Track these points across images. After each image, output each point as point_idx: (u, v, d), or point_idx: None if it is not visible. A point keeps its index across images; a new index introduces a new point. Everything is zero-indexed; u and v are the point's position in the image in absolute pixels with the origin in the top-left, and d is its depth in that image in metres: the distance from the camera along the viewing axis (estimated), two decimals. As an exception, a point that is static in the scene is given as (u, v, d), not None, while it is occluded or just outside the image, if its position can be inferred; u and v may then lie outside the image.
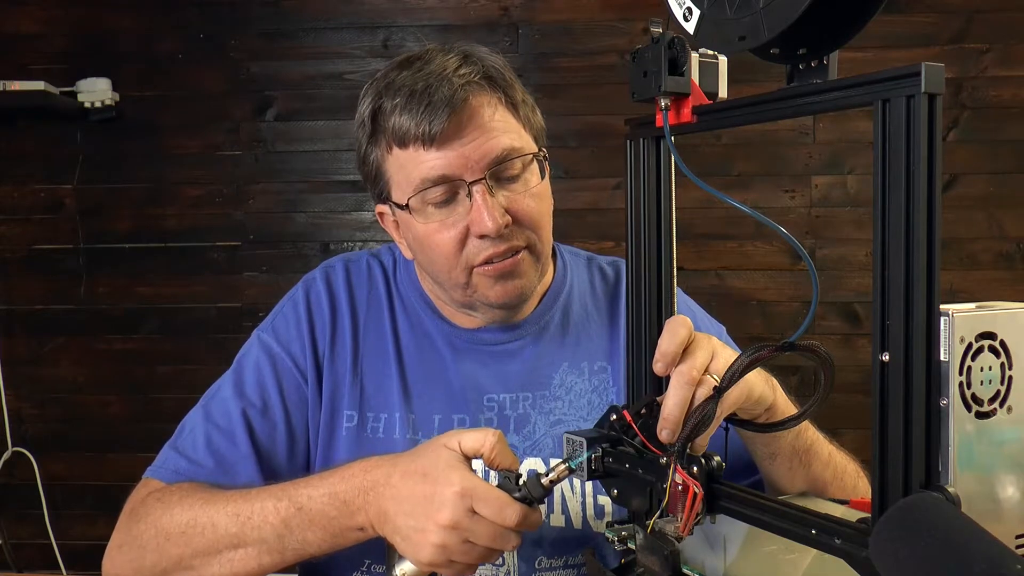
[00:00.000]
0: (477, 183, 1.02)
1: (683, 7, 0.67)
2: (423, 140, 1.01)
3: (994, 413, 0.60)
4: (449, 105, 1.00)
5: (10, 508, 2.74)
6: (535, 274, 1.09)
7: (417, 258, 1.12)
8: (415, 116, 1.00)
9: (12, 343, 2.75)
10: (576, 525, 1.08)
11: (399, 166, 1.05)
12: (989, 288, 2.57)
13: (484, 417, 1.11)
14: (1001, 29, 2.57)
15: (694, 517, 0.72)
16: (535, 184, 1.06)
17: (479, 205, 1.01)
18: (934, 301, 0.56)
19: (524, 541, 1.06)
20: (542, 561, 1.08)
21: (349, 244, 2.73)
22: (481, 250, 1.04)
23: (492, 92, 1.04)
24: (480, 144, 1.01)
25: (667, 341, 0.79)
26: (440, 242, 1.04)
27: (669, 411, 0.77)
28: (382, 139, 1.06)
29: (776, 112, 0.66)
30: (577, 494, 1.09)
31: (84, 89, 2.62)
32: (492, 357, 1.14)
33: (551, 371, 1.14)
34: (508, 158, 1.03)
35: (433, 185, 1.02)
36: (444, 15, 2.69)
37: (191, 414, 1.13)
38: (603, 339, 1.17)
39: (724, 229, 2.63)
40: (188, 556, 0.97)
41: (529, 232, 1.06)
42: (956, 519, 0.54)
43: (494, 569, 1.07)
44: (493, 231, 1.01)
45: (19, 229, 2.75)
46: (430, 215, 1.04)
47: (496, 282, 1.06)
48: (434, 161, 1.01)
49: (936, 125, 0.55)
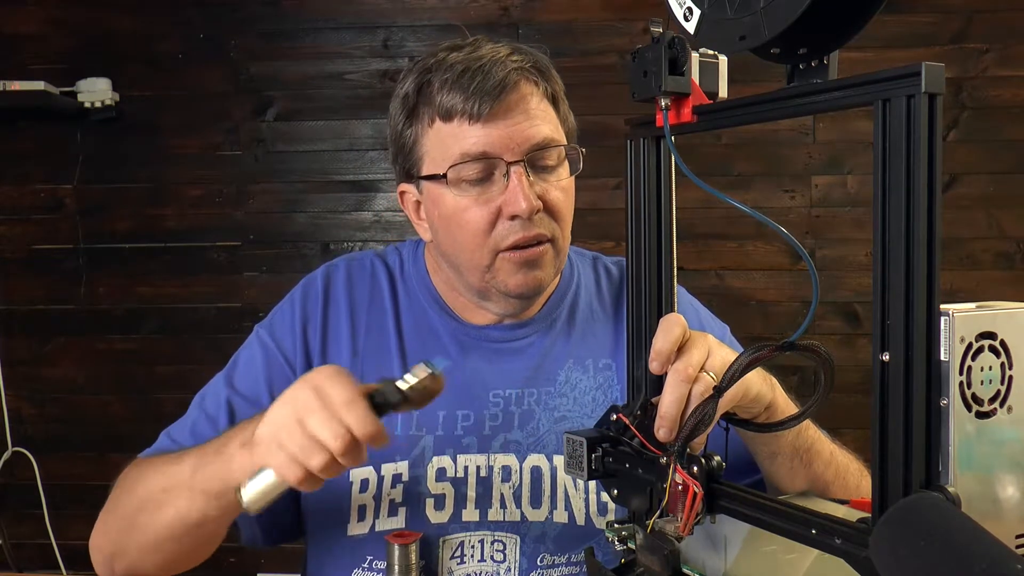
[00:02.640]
0: (516, 164, 1.04)
1: (683, 7, 0.67)
2: (470, 115, 1.03)
3: (994, 413, 0.60)
4: (501, 85, 1.03)
5: (10, 508, 2.74)
6: (552, 270, 1.10)
7: (439, 238, 1.11)
8: (466, 91, 1.03)
9: (12, 343, 2.74)
10: (579, 522, 1.08)
11: (439, 140, 1.06)
12: (989, 288, 2.57)
13: (489, 412, 1.11)
14: (1001, 29, 2.57)
15: (694, 517, 0.72)
16: (566, 182, 1.09)
17: (515, 185, 1.03)
18: (934, 301, 0.56)
19: (527, 537, 1.07)
20: (544, 558, 1.08)
21: (349, 244, 2.73)
22: (510, 233, 1.05)
23: (539, 82, 1.08)
24: (524, 128, 1.04)
25: (661, 339, 0.79)
26: (470, 219, 1.05)
27: (665, 409, 0.77)
28: (424, 113, 1.07)
29: (776, 112, 0.66)
30: (580, 491, 1.09)
31: (84, 89, 2.62)
32: (499, 354, 1.14)
33: (556, 368, 1.14)
34: (547, 146, 1.06)
35: (472, 160, 1.04)
36: (444, 15, 2.69)
37: (191, 405, 1.16)
38: (608, 337, 1.18)
39: (724, 229, 2.63)
40: (134, 508, 1.02)
41: (554, 225, 1.07)
42: (956, 519, 0.54)
43: (495, 565, 1.07)
44: (526, 212, 1.03)
45: (19, 229, 2.75)
46: (464, 190, 1.05)
47: (519, 269, 1.07)
48: (477, 137, 1.03)
49: (936, 125, 0.55)
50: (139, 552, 1.03)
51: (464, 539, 1.08)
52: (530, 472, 1.10)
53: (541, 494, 1.09)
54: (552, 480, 1.09)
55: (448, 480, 1.09)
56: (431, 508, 1.08)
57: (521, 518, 1.08)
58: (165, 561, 1.04)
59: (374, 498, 1.08)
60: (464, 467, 1.09)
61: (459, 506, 1.08)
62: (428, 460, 1.09)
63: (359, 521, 1.08)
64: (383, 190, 2.71)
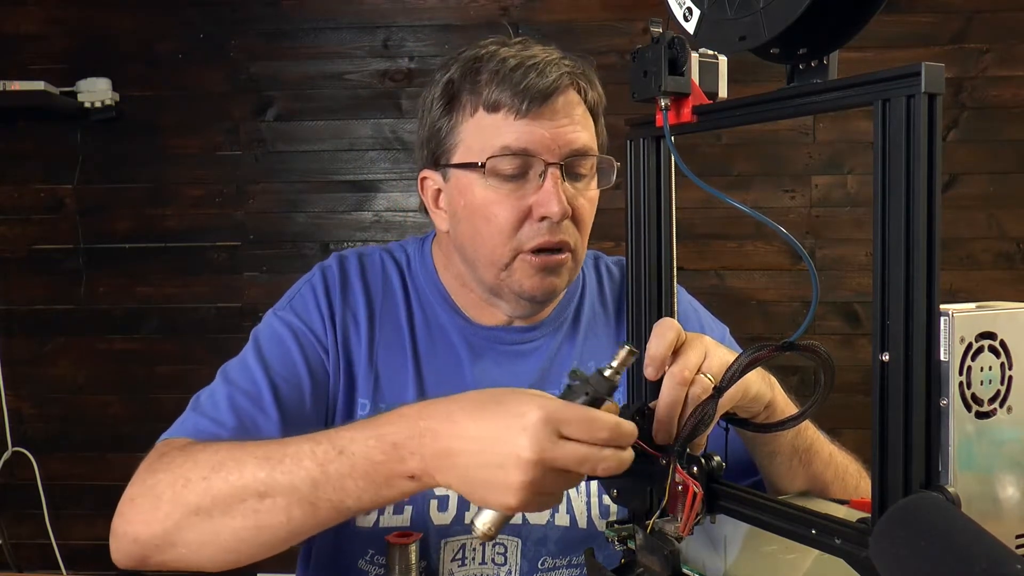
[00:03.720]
0: (554, 166, 1.04)
1: (683, 7, 0.67)
2: (517, 111, 1.03)
3: (994, 413, 0.60)
4: (553, 86, 1.03)
5: (10, 508, 2.74)
6: (568, 279, 1.10)
7: (459, 229, 1.10)
8: (516, 86, 1.02)
9: (12, 343, 2.74)
10: (581, 525, 1.08)
11: (479, 130, 1.06)
12: (989, 288, 2.57)
13: None
14: (1001, 29, 2.57)
15: (694, 517, 0.72)
16: (593, 193, 1.09)
17: (550, 187, 1.03)
18: (934, 301, 0.56)
19: (529, 540, 1.07)
20: (546, 561, 1.08)
21: (349, 244, 2.73)
22: (537, 234, 1.04)
23: (587, 91, 1.08)
24: (567, 132, 1.04)
25: (655, 344, 0.79)
26: (499, 214, 1.05)
27: (662, 413, 0.77)
28: (468, 102, 1.06)
29: (776, 112, 0.66)
30: (582, 493, 1.09)
31: (84, 89, 2.61)
32: (507, 356, 1.14)
33: (562, 370, 1.14)
34: (586, 154, 1.06)
35: (512, 155, 1.03)
36: (444, 15, 2.69)
37: (203, 390, 1.07)
38: (610, 338, 1.18)
39: (724, 229, 2.63)
40: (207, 504, 0.85)
41: (577, 234, 1.07)
42: (956, 519, 0.54)
43: (496, 568, 1.07)
44: (558, 215, 1.03)
45: (19, 229, 2.75)
46: (495, 185, 1.05)
47: (536, 273, 1.06)
48: (520, 132, 1.03)
49: (936, 125, 0.55)
50: (203, 548, 0.88)
51: (466, 541, 1.08)
52: None
53: None
54: None
55: None
56: (435, 509, 1.08)
57: (523, 521, 1.08)
58: (236, 560, 0.89)
59: None
60: None
61: (462, 508, 1.08)
62: None
63: (366, 515, 1.07)
64: (383, 190, 2.71)
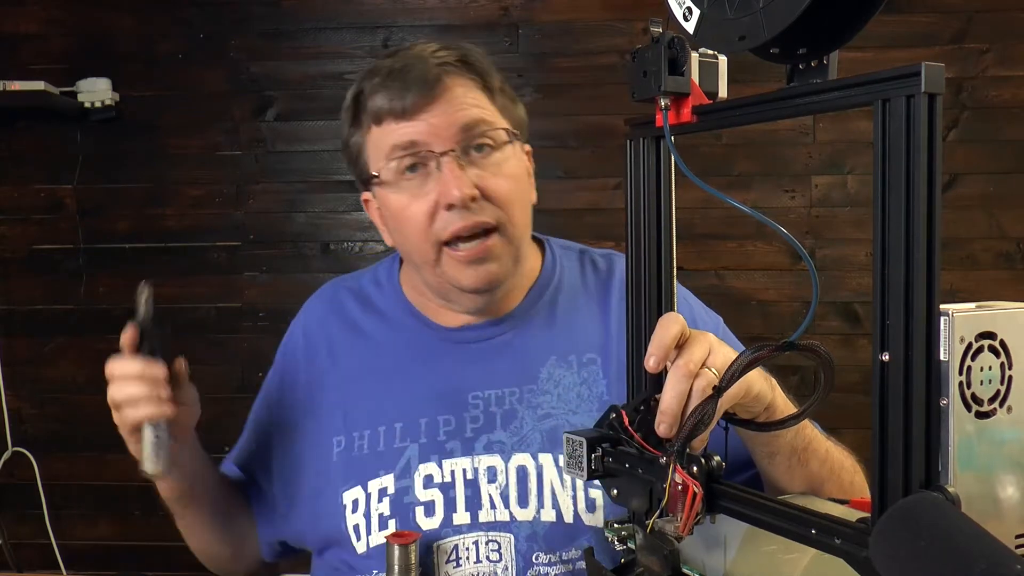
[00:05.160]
0: (446, 154, 1.04)
1: (683, 7, 0.67)
2: (396, 114, 1.06)
3: (994, 413, 0.60)
4: (422, 80, 1.04)
5: (10, 508, 2.74)
6: (509, 259, 1.09)
7: (395, 240, 1.15)
8: (390, 92, 1.05)
9: (12, 343, 2.74)
10: (567, 519, 1.07)
11: (375, 143, 1.09)
12: (989, 288, 2.56)
13: (469, 415, 1.11)
14: (1001, 29, 2.57)
15: (694, 517, 0.72)
16: (509, 168, 1.08)
17: (446, 173, 1.04)
18: (934, 301, 0.56)
19: (520, 536, 1.08)
20: (539, 556, 1.08)
21: (349, 244, 2.72)
22: (449, 223, 1.05)
23: (467, 74, 1.08)
24: (449, 115, 1.05)
25: (659, 335, 0.79)
26: (411, 215, 1.07)
27: (667, 404, 0.77)
28: (363, 120, 1.10)
29: (776, 112, 0.66)
30: (568, 488, 1.08)
31: (84, 89, 2.61)
32: (477, 354, 1.14)
33: (538, 365, 1.13)
34: (476, 128, 1.06)
35: (403, 152, 1.06)
36: (444, 15, 2.69)
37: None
38: (593, 331, 1.15)
39: (724, 229, 2.63)
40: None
41: (498, 211, 1.06)
42: (956, 519, 0.54)
43: (491, 565, 1.07)
44: (459, 200, 1.03)
45: (19, 229, 2.75)
46: (402, 187, 1.07)
47: (467, 266, 1.07)
48: (404, 130, 1.06)
49: (936, 125, 0.55)
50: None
51: (458, 542, 1.08)
52: (516, 472, 1.09)
53: (528, 493, 1.08)
54: (538, 479, 1.08)
55: (436, 486, 1.09)
56: (421, 515, 1.08)
57: (510, 518, 1.08)
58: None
59: (364, 515, 1.10)
60: (451, 471, 1.09)
61: (449, 510, 1.08)
62: (415, 469, 1.09)
63: (357, 541, 1.10)
64: (383, 190, 2.71)
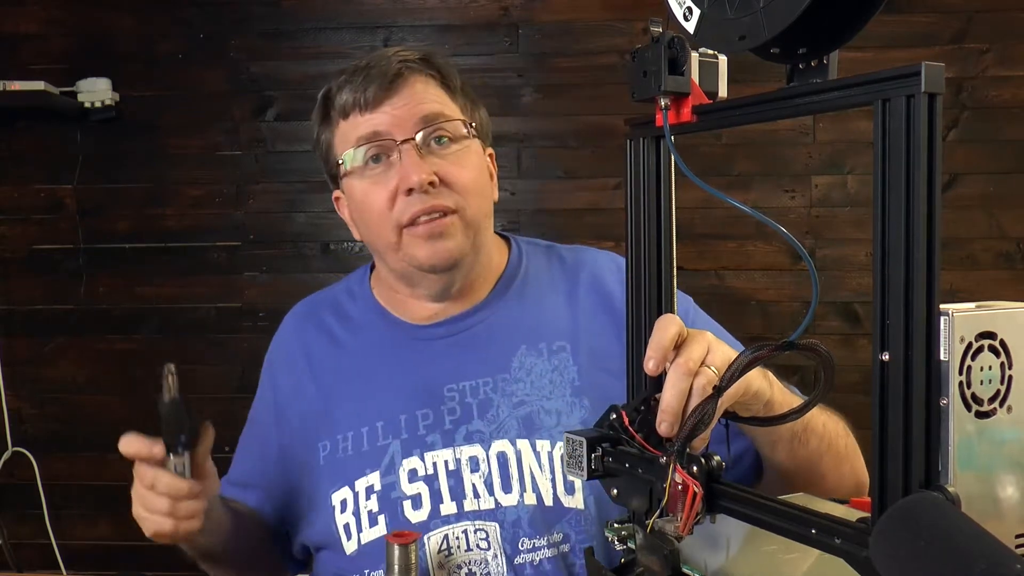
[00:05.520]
0: (406, 142, 1.10)
1: (683, 7, 0.67)
2: (359, 107, 1.12)
3: (994, 413, 0.60)
4: (384, 75, 1.11)
5: (10, 508, 2.74)
6: (466, 240, 1.13)
7: (361, 232, 1.20)
8: (354, 86, 1.12)
9: (12, 343, 2.74)
10: (547, 503, 1.10)
11: (342, 136, 1.15)
12: (989, 288, 2.56)
13: (447, 408, 1.14)
14: (1001, 29, 2.57)
15: (694, 517, 0.72)
16: (468, 159, 1.14)
17: (406, 160, 1.10)
18: (934, 301, 0.56)
19: (505, 523, 1.10)
20: (524, 542, 1.10)
21: (349, 244, 2.72)
22: (408, 207, 1.10)
23: (427, 71, 1.14)
24: (410, 107, 1.12)
25: (657, 337, 0.79)
26: (373, 201, 1.12)
27: (668, 402, 0.77)
28: (332, 117, 1.16)
29: (776, 112, 0.66)
30: (546, 471, 1.10)
31: (84, 89, 2.61)
32: (449, 348, 1.17)
33: (509, 354, 1.16)
34: (435, 121, 1.12)
35: (366, 143, 1.12)
36: (444, 15, 2.69)
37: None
38: (562, 319, 1.19)
39: (724, 229, 2.63)
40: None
41: (457, 196, 1.12)
42: (956, 519, 0.54)
43: (482, 552, 1.09)
44: (417, 184, 1.08)
45: (19, 229, 2.75)
46: (366, 176, 1.13)
47: (425, 241, 1.11)
48: (368, 122, 1.12)
49: (936, 125, 0.55)
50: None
51: (448, 532, 1.10)
52: (497, 459, 1.11)
53: (510, 479, 1.11)
54: (518, 464, 1.11)
55: (421, 479, 1.12)
56: (409, 509, 1.11)
57: (495, 505, 1.10)
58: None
59: (353, 514, 1.12)
60: (433, 464, 1.12)
61: (435, 501, 1.11)
62: (399, 465, 1.12)
63: (347, 540, 1.12)
64: (383, 190, 2.71)
